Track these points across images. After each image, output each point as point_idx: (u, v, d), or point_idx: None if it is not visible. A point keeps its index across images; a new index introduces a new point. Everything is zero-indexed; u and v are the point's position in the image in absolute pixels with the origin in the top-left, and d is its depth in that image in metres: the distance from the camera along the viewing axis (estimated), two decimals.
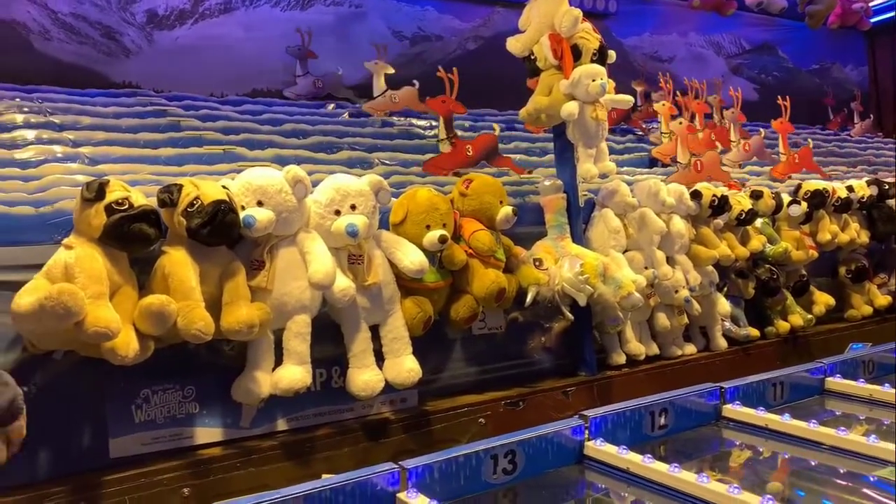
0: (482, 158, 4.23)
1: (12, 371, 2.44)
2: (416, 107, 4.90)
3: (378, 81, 4.94)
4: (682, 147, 4.74)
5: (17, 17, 4.59)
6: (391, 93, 4.90)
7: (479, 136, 4.41)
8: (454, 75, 4.31)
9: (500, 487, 2.15)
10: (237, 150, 3.79)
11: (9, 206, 2.65)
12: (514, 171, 4.27)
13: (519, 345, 3.64)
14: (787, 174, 5.58)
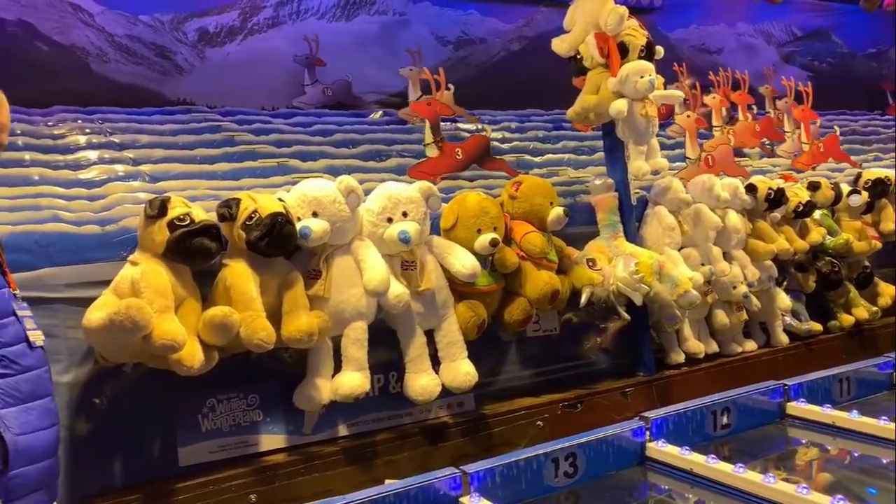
0: (473, 162, 4.07)
1: (85, 384, 2.55)
2: (450, 111, 4.82)
3: (414, 88, 4.95)
4: (690, 141, 4.52)
5: (77, 42, 4.77)
6: (427, 99, 4.94)
7: (469, 138, 4.24)
8: (441, 76, 4.18)
9: (561, 491, 2.14)
10: (290, 162, 3.87)
11: (77, 225, 2.76)
12: (509, 174, 4.03)
13: (574, 346, 3.62)
14: (811, 164, 5.31)
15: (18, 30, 4.63)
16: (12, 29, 4.65)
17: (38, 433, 1.63)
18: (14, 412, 1.58)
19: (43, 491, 1.66)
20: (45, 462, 1.65)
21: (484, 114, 5.15)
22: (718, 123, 5.19)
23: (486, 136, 4.19)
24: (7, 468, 1.54)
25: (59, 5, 4.81)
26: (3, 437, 1.54)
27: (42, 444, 1.64)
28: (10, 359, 1.60)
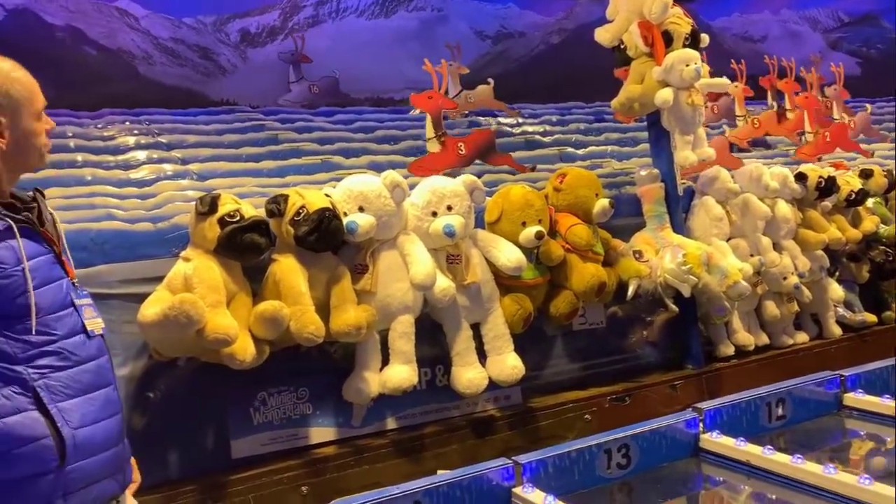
0: (477, 157, 3.89)
1: (140, 378, 2.60)
2: (492, 105, 4.82)
3: (454, 81, 4.95)
4: None
5: (123, 46, 4.86)
6: (466, 93, 4.75)
7: (472, 132, 4.07)
8: (443, 68, 4.01)
9: (614, 482, 2.13)
10: (334, 159, 3.90)
11: (130, 223, 2.83)
12: (516, 169, 3.95)
13: (621, 339, 3.59)
14: (816, 155, 4.89)
15: (67, 35, 4.73)
16: (61, 34, 4.76)
17: (98, 424, 1.65)
18: (74, 404, 1.60)
19: (109, 479, 1.69)
20: (107, 452, 1.67)
21: (524, 107, 5.11)
22: (742, 112, 5.03)
23: (491, 131, 4.05)
24: (64, 463, 1.56)
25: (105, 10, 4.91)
26: (61, 431, 1.57)
27: (103, 435, 1.66)
28: (68, 351, 1.63)
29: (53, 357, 1.60)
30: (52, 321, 1.62)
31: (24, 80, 1.72)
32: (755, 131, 4.78)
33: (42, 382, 1.57)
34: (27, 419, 1.53)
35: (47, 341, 1.60)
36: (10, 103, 1.68)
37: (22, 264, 1.58)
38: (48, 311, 1.61)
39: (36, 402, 1.56)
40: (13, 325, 1.56)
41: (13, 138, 1.69)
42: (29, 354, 1.57)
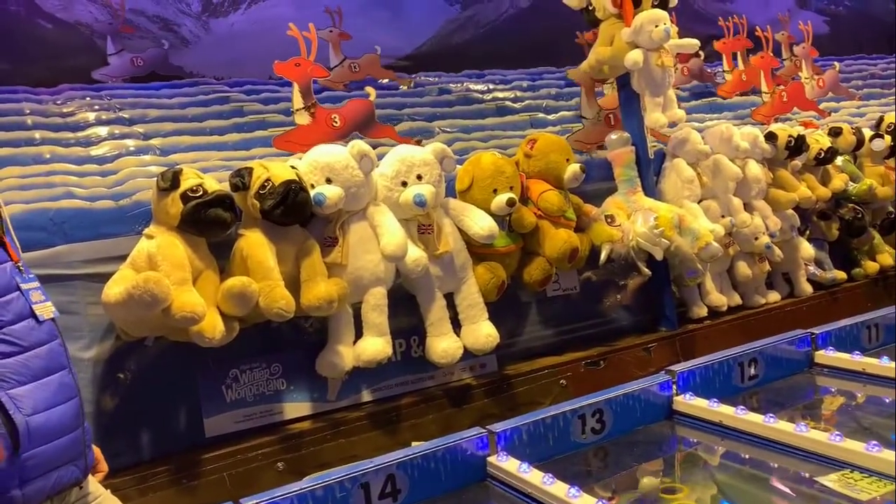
0: (355, 129, 3.53)
1: (108, 359, 2.55)
2: (378, 74, 4.69)
3: (335, 51, 4.67)
4: (586, 99, 4.05)
5: (81, 18, 4.72)
6: (350, 61, 4.66)
7: (348, 102, 3.68)
8: (311, 34, 3.52)
9: (589, 447, 2.13)
10: None
11: (90, 201, 2.75)
12: (398, 142, 3.55)
13: (595, 304, 3.59)
14: (773, 116, 4.77)
15: (21, 8, 4.58)
16: (15, 7, 4.61)
17: (53, 410, 1.60)
18: (26, 391, 1.54)
19: (69, 465, 1.64)
20: (64, 438, 1.62)
21: (494, 73, 5.06)
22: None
23: (370, 101, 3.64)
24: (18, 451, 1.52)
25: None
26: (13, 418, 1.52)
27: (58, 420, 1.61)
28: (15, 337, 1.57)
29: (1, 344, 1.54)
30: (3, 304, 1.56)
31: None
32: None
33: None
34: None
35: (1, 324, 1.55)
36: None
37: None
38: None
39: None
40: None
41: None
42: None
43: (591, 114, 4.02)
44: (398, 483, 1.81)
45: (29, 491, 1.52)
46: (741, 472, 2.08)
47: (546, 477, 1.78)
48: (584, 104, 4.09)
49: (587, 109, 4.06)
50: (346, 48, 4.98)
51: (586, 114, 4.06)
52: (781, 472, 2.01)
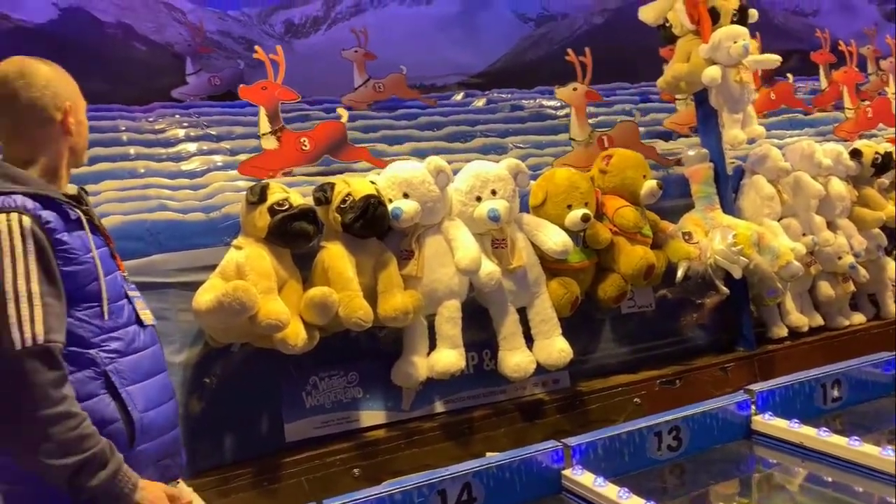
0: (326, 152, 3.48)
1: (196, 364, 2.67)
2: (403, 94, 4.66)
3: (359, 71, 4.66)
4: (577, 119, 3.78)
5: (171, 40, 5.00)
6: (374, 81, 4.63)
7: (318, 125, 3.60)
8: (279, 56, 3.45)
9: (665, 464, 2.11)
10: (378, 146, 3.92)
11: (183, 213, 2.90)
12: (373, 164, 3.50)
13: (671, 322, 3.55)
14: (857, 132, 4.57)
15: (118, 31, 4.87)
16: (112, 30, 4.90)
17: (159, 408, 1.72)
18: (138, 388, 1.67)
19: (169, 460, 1.75)
20: (167, 435, 1.74)
21: None
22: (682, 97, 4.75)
23: (341, 123, 3.54)
24: (133, 444, 1.63)
25: (153, 5, 5.04)
26: (131, 415, 1.63)
27: (163, 418, 1.73)
28: (126, 339, 1.69)
29: (119, 342, 1.66)
30: (115, 309, 1.68)
31: (73, 81, 1.78)
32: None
33: (112, 367, 1.64)
34: (100, 403, 1.60)
35: (114, 327, 1.67)
36: (74, 101, 1.74)
37: (91, 253, 1.65)
38: (111, 300, 1.67)
39: (107, 386, 1.62)
40: (85, 309, 1.62)
41: (78, 133, 1.75)
42: (100, 339, 1.63)
43: (583, 136, 3.76)
44: (474, 491, 1.85)
45: None
46: (823, 495, 2.03)
47: (622, 491, 1.78)
48: (575, 125, 3.79)
49: (577, 131, 3.76)
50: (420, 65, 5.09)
51: (576, 135, 3.77)
52: (866, 497, 1.95)
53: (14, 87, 1.67)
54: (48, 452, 1.48)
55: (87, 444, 1.52)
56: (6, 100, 1.67)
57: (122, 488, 1.55)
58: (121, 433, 1.62)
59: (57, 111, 1.70)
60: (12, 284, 1.50)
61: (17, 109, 1.67)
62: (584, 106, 3.83)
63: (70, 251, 1.61)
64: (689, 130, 4.41)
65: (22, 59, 1.72)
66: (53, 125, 1.70)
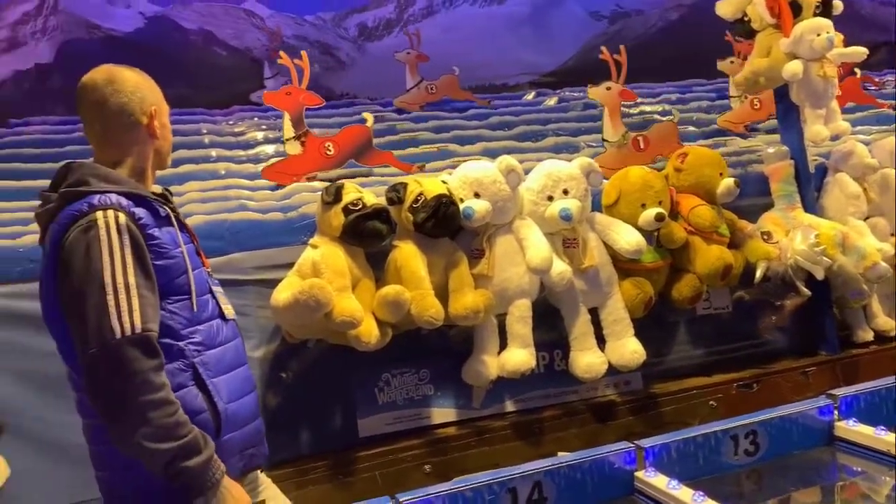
0: (351, 156, 3.50)
1: (273, 359, 2.75)
2: (456, 94, 4.64)
3: (412, 73, 4.66)
4: (610, 119, 3.67)
5: (250, 45, 5.15)
6: (427, 83, 4.63)
7: (342, 130, 3.65)
8: (304, 61, 3.47)
9: (742, 469, 2.06)
10: (449, 146, 3.96)
11: (261, 213, 3.00)
12: (400, 169, 3.55)
13: (748, 324, 3.45)
14: None
15: (200, 38, 5.06)
16: (194, 37, 5.09)
17: (243, 399, 1.79)
18: (223, 380, 1.74)
19: (252, 450, 1.82)
20: (249, 426, 1.81)
21: (641, 86, 4.99)
22: (737, 94, 4.46)
23: (366, 127, 3.57)
24: (219, 435, 1.70)
25: (233, 12, 5.21)
26: (217, 406, 1.70)
27: (246, 409, 1.80)
28: (213, 331, 1.76)
29: (204, 335, 1.73)
30: (201, 303, 1.75)
31: (157, 87, 1.86)
32: None
33: (199, 359, 1.70)
34: (188, 395, 1.67)
35: (200, 320, 1.74)
36: (159, 105, 1.83)
37: (180, 248, 1.73)
38: (198, 294, 1.74)
39: (195, 377, 1.69)
40: (175, 302, 1.70)
41: (163, 136, 1.84)
42: (188, 331, 1.70)
43: (616, 136, 3.66)
44: (545, 491, 1.84)
45: (226, 470, 1.68)
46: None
47: (696, 495, 1.75)
48: (608, 126, 3.69)
49: (611, 132, 3.67)
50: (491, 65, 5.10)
51: (609, 136, 3.67)
52: None
53: (104, 94, 1.76)
54: (148, 436, 1.55)
55: (183, 430, 1.58)
56: (96, 105, 1.76)
57: (214, 475, 1.61)
58: (208, 423, 1.68)
59: (143, 115, 1.78)
60: (111, 277, 1.57)
61: (107, 115, 1.76)
62: (618, 106, 3.76)
63: (161, 246, 1.69)
64: (744, 129, 4.28)
65: (110, 66, 1.81)
66: (140, 129, 1.78)
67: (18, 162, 3.72)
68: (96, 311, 1.56)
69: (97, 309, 1.56)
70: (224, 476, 1.64)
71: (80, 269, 1.59)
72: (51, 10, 4.89)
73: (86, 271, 1.58)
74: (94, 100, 1.76)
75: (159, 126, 1.82)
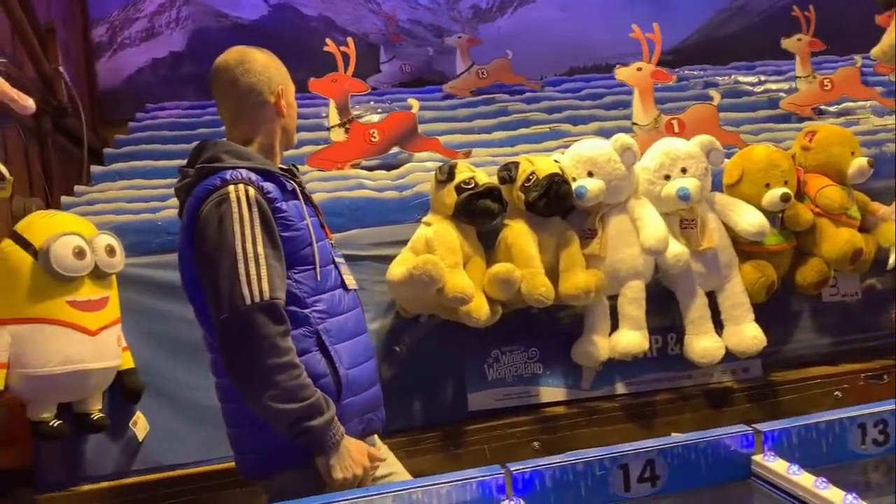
0: (396, 143, 3.49)
1: (388, 332, 2.84)
2: (508, 79, 4.50)
3: (463, 57, 4.56)
4: (641, 101, 3.38)
5: (367, 30, 5.29)
6: (477, 68, 4.49)
7: (388, 116, 3.64)
8: (350, 48, 3.43)
9: (870, 459, 1.96)
10: (562, 126, 3.93)
11: (378, 191, 3.09)
12: (444, 156, 3.50)
13: (879, 313, 3.25)
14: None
15: (320, 24, 5.23)
16: (315, 23, 5.28)
17: (362, 366, 1.87)
18: (344, 347, 1.82)
19: (370, 414, 1.90)
20: (368, 391, 1.88)
21: (767, 64, 4.77)
22: (804, 73, 4.25)
23: (412, 114, 3.57)
24: (340, 399, 1.78)
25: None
26: (338, 371, 1.79)
27: (365, 375, 1.88)
28: (335, 300, 1.85)
29: (327, 304, 1.82)
30: (324, 273, 1.84)
31: (284, 67, 1.95)
32: None
33: (322, 326, 1.79)
34: (312, 359, 1.76)
35: (324, 289, 1.83)
36: (286, 85, 1.92)
37: (305, 221, 1.82)
38: (322, 265, 1.83)
39: (318, 343, 1.78)
40: (301, 271, 1.79)
41: (289, 115, 1.93)
42: (313, 299, 1.79)
43: (648, 119, 3.41)
44: (657, 469, 1.82)
45: (346, 431, 1.77)
46: None
47: (819, 481, 1.68)
48: (638, 108, 3.49)
49: (641, 115, 3.44)
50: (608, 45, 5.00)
51: (640, 119, 3.45)
52: None
53: (235, 74, 1.86)
54: (275, 397, 1.65)
55: (307, 392, 1.68)
56: (229, 85, 1.87)
57: (335, 436, 1.70)
58: (330, 387, 1.76)
59: (271, 94, 1.88)
60: (241, 247, 1.68)
61: (238, 94, 1.86)
62: (650, 87, 3.56)
63: (288, 218, 1.78)
64: (812, 112, 4.01)
65: (241, 48, 1.92)
66: (268, 107, 1.88)
67: (156, 143, 4.01)
68: (228, 279, 1.67)
69: (229, 277, 1.67)
70: (344, 437, 1.72)
71: (213, 240, 1.70)
72: (183, 1, 5.20)
73: (219, 242, 1.69)
74: (226, 80, 1.87)
75: (286, 105, 1.91)
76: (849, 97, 4.22)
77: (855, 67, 4.24)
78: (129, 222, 2.90)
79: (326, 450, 1.70)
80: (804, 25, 4.03)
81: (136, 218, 2.95)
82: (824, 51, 4.38)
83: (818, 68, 4.42)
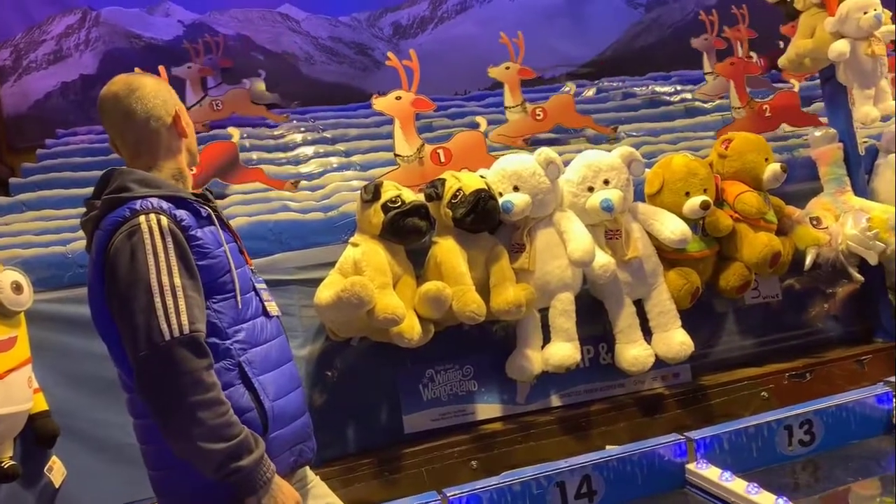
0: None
1: (318, 357, 2.77)
2: (245, 110, 4.25)
3: (194, 88, 4.34)
4: (403, 132, 3.14)
5: (287, 48, 5.21)
6: (211, 99, 4.22)
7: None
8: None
9: (797, 460, 2.01)
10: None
11: (303, 213, 3.02)
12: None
13: (799, 313, 3.36)
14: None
15: (238, 43, 5.13)
16: (233, 43, 5.16)
17: (289, 396, 1.80)
18: (268, 378, 1.75)
19: (301, 446, 1.83)
20: (297, 422, 1.81)
21: (681, 74, 4.91)
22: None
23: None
24: (267, 433, 1.71)
25: (269, 17, 5.27)
26: (263, 404, 1.71)
27: (293, 406, 1.80)
28: (257, 329, 1.77)
29: (248, 333, 1.74)
30: (245, 301, 1.76)
31: (172, 88, 1.88)
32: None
33: (245, 357, 1.71)
34: (235, 393, 1.67)
35: (244, 318, 1.75)
36: (179, 104, 1.85)
37: (222, 247, 1.74)
38: (242, 292, 1.76)
39: (241, 376, 1.70)
40: (220, 301, 1.71)
41: (191, 134, 1.86)
42: (233, 329, 1.71)
43: (411, 150, 3.16)
44: (594, 484, 1.82)
45: (276, 466, 1.69)
46: None
47: (751, 486, 1.71)
48: (400, 139, 3.20)
49: (404, 146, 3.19)
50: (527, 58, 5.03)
51: (402, 150, 3.19)
52: None
53: (128, 103, 1.76)
54: (201, 437, 1.56)
55: (234, 430, 1.59)
56: (123, 116, 1.77)
57: (265, 474, 1.62)
58: (255, 421, 1.69)
59: (168, 116, 1.80)
60: (156, 279, 1.59)
61: (137, 123, 1.76)
62: (411, 116, 3.21)
63: (204, 246, 1.70)
64: (523, 143, 3.93)
65: (124, 76, 1.82)
66: (170, 130, 1.81)
67: (67, 171, 3.83)
68: (144, 314, 1.58)
69: (145, 312, 1.58)
70: (275, 475, 1.65)
71: (126, 274, 1.61)
72: (93, 22, 5.01)
73: (132, 276, 1.60)
74: (119, 111, 1.77)
75: (185, 124, 1.84)
76: (563, 125, 4.12)
77: (568, 95, 4.27)
78: (38, 255, 2.75)
79: (256, 490, 1.62)
80: (512, 53, 3.96)
81: (46, 251, 2.81)
82: (534, 80, 4.25)
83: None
